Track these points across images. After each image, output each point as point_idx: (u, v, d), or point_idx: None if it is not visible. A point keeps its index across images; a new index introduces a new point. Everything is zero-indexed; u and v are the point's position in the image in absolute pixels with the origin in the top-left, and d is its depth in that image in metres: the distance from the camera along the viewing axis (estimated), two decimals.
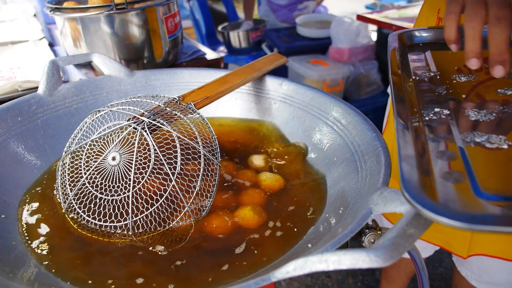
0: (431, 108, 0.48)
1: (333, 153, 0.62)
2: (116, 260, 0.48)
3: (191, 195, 0.52)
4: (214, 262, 0.47)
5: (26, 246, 0.49)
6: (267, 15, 3.00)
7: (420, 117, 0.46)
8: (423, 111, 0.48)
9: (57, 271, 0.45)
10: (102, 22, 0.92)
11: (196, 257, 0.48)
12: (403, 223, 0.32)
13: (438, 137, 0.42)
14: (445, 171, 0.36)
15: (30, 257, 0.47)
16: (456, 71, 0.58)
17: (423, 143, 0.41)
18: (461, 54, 0.64)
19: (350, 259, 0.29)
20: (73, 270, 0.45)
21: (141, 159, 0.51)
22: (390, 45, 0.67)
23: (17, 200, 0.56)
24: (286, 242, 0.50)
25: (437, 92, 0.53)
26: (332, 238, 0.38)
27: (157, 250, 0.49)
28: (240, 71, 0.75)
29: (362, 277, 1.64)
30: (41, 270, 0.45)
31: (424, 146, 0.40)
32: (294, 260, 0.31)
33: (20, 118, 0.65)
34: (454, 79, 0.56)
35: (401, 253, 0.30)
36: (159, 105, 0.57)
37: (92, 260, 0.48)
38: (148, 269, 0.46)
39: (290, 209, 0.56)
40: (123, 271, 0.46)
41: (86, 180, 0.53)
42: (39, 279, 0.44)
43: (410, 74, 0.58)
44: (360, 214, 0.40)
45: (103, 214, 0.51)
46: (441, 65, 0.60)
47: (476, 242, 0.86)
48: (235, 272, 0.45)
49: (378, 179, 0.46)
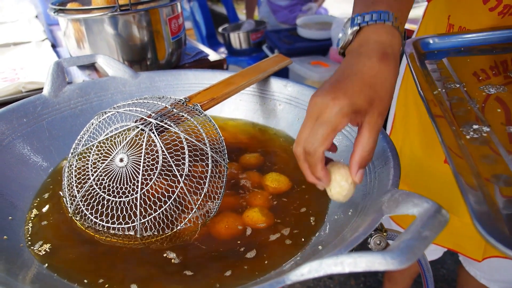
0: (469, 125, 0.44)
1: (340, 155, 0.62)
2: (124, 262, 0.48)
3: (199, 197, 0.52)
4: (221, 264, 0.47)
5: (33, 248, 0.48)
6: (267, 16, 3.00)
7: (461, 135, 0.43)
8: (461, 128, 0.44)
9: (63, 273, 0.45)
10: (106, 23, 0.92)
11: (205, 258, 0.48)
12: (418, 225, 0.32)
13: (487, 159, 0.39)
14: (505, 199, 0.34)
15: (37, 259, 0.47)
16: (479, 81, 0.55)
17: (476, 167, 0.38)
18: (480, 59, 0.62)
19: (366, 262, 0.29)
20: (80, 271, 0.45)
21: (149, 161, 0.51)
22: (408, 53, 0.64)
23: (23, 201, 0.56)
24: (295, 245, 0.49)
25: (470, 106, 0.49)
26: (343, 240, 0.38)
27: (165, 252, 0.48)
28: (244, 73, 0.75)
29: (364, 278, 1.64)
30: (48, 272, 0.45)
31: (478, 170, 0.38)
32: (309, 263, 0.31)
33: (26, 119, 0.64)
34: (483, 91, 0.52)
35: (417, 255, 0.29)
36: (166, 107, 0.57)
37: (99, 262, 0.47)
38: (156, 270, 0.46)
39: (297, 211, 0.55)
40: (131, 272, 0.46)
41: (94, 182, 0.53)
42: (46, 280, 0.44)
43: (435, 86, 0.54)
44: (371, 216, 0.40)
45: (110, 216, 0.51)
46: (462, 74, 0.57)
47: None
48: (244, 274, 0.45)
49: (388, 181, 0.46)
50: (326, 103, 0.42)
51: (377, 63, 0.45)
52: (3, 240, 0.47)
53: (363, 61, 0.46)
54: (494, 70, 0.58)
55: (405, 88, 0.98)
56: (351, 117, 0.42)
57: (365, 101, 0.42)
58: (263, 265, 0.46)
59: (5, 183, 0.55)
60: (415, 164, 0.92)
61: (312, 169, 0.45)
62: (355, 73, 0.44)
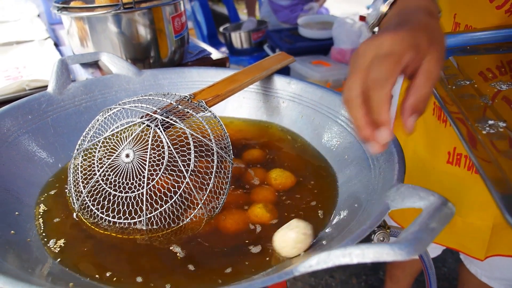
0: (485, 120, 0.44)
1: (344, 151, 0.62)
2: (129, 256, 0.48)
3: (204, 192, 0.52)
4: (225, 260, 0.47)
5: (41, 243, 0.49)
6: (268, 16, 3.00)
7: (478, 131, 0.43)
8: (477, 124, 0.44)
9: (73, 267, 0.45)
10: (109, 22, 0.92)
11: (209, 254, 0.48)
12: (425, 217, 0.32)
13: (507, 154, 0.39)
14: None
15: (45, 253, 0.47)
16: (490, 79, 0.55)
17: (498, 161, 0.38)
18: (487, 58, 0.62)
19: (374, 253, 0.29)
20: (89, 266, 0.46)
21: (154, 156, 0.51)
22: None
23: (30, 197, 0.56)
24: None
25: (483, 102, 0.49)
26: (350, 233, 0.38)
27: (170, 246, 0.49)
28: (248, 70, 0.75)
29: (365, 277, 1.64)
30: (56, 265, 0.45)
31: (499, 163, 0.37)
32: (317, 254, 0.32)
33: (31, 116, 0.65)
34: (495, 88, 0.52)
35: (424, 246, 0.30)
36: (171, 103, 0.58)
37: (106, 256, 0.48)
38: (160, 264, 0.47)
39: (302, 206, 0.56)
40: (136, 266, 0.46)
41: (100, 178, 0.53)
42: (55, 273, 0.44)
43: (445, 83, 0.55)
44: (377, 210, 0.40)
45: (117, 211, 0.51)
46: (471, 72, 0.57)
47: (495, 244, 0.86)
48: (247, 269, 0.45)
49: (393, 176, 0.46)
50: (384, 38, 0.37)
51: (427, 16, 0.41)
52: (11, 234, 0.47)
53: (412, 14, 0.42)
54: (501, 69, 0.58)
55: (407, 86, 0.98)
56: (412, 55, 0.37)
57: (425, 39, 0.38)
58: (267, 261, 0.46)
59: (11, 179, 0.55)
60: (418, 164, 0.92)
61: (379, 109, 0.38)
62: (408, 21, 0.40)
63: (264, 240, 0.50)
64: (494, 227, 0.83)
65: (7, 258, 0.42)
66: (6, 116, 0.61)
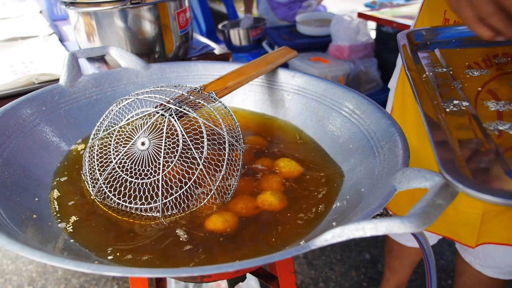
0: (450, 100, 0.51)
1: (349, 141, 0.64)
2: (145, 239, 0.50)
3: (217, 179, 0.54)
4: (236, 244, 0.49)
5: (60, 226, 0.51)
6: (266, 13, 3.02)
7: (441, 108, 0.48)
8: (443, 104, 0.50)
9: (91, 247, 0.48)
10: (116, 17, 0.94)
11: (218, 238, 0.50)
12: (431, 195, 0.35)
13: (463, 127, 0.44)
14: (476, 157, 0.38)
15: (65, 235, 0.49)
16: (467, 67, 0.61)
17: (450, 132, 0.43)
18: (469, 51, 0.66)
19: (386, 226, 0.32)
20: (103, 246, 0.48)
21: (169, 144, 0.54)
22: (400, 42, 0.69)
23: (47, 184, 0.58)
24: (309, 224, 0.52)
25: (453, 86, 0.55)
26: (360, 212, 0.41)
27: (181, 229, 0.51)
28: (254, 64, 0.77)
29: (365, 269, 1.67)
30: (75, 244, 0.48)
31: (452, 135, 0.42)
32: (332, 229, 0.34)
33: (45, 107, 0.67)
34: (468, 74, 0.59)
35: (431, 220, 0.32)
36: (183, 94, 0.60)
37: (121, 239, 0.50)
38: (170, 246, 0.49)
39: (310, 193, 0.58)
40: (151, 249, 0.48)
41: (116, 165, 0.55)
42: (73, 251, 0.46)
43: (423, 70, 0.60)
44: (384, 192, 0.42)
45: (133, 196, 0.53)
46: (452, 62, 0.63)
47: (485, 231, 0.89)
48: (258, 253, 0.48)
49: (398, 161, 0.48)
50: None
51: None
52: (33, 218, 0.49)
53: None
54: (487, 62, 0.62)
55: (402, 80, 1.01)
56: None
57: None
58: (277, 244, 0.49)
59: (30, 167, 0.57)
60: (411, 154, 0.95)
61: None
62: None
63: (276, 224, 0.52)
64: (484, 214, 0.86)
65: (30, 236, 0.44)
66: (22, 106, 0.63)
